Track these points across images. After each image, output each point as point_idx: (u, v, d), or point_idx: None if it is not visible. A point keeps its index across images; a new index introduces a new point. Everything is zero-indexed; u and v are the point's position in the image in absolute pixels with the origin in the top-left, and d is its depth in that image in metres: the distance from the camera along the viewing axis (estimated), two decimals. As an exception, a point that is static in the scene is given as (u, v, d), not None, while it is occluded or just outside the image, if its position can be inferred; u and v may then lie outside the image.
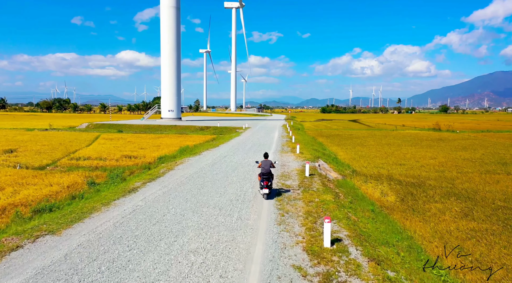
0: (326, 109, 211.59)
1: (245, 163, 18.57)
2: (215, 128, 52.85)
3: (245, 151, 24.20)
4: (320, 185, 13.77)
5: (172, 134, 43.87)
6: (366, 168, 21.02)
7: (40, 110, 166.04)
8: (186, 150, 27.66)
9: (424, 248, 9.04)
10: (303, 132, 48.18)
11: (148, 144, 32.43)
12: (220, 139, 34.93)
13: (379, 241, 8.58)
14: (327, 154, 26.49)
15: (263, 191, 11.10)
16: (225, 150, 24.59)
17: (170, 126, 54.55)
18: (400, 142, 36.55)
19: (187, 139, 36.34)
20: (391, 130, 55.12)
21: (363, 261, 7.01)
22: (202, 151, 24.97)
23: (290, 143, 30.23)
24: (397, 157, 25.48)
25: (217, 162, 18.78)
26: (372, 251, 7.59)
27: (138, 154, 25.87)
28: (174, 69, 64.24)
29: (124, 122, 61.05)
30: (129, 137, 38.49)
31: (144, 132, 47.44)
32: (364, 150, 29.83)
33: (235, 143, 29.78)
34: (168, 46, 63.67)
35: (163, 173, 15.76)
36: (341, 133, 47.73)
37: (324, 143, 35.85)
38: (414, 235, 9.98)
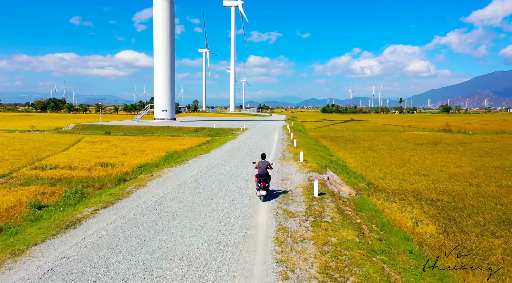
0: (327, 109, 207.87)
1: (237, 176, 15.04)
2: (210, 130, 49.32)
3: (240, 158, 20.68)
4: (334, 211, 10.25)
5: (162, 136, 40.37)
6: (383, 179, 17.49)
7: (35, 111, 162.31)
8: (173, 156, 24.16)
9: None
10: (305, 134, 44.64)
11: (133, 148, 28.93)
12: (214, 143, 31.42)
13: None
14: (335, 161, 22.96)
15: (260, 192, 10.92)
16: (216, 157, 21.07)
17: (163, 128, 51.03)
18: (412, 145, 33.04)
19: (178, 143, 32.85)
20: (398, 132, 51.62)
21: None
22: (190, 158, 21.44)
23: (292, 147, 26.70)
24: (416, 165, 21.95)
25: (203, 175, 15.25)
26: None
27: (117, 161, 22.37)
28: (168, 66, 60.62)
29: (114, 123, 57.50)
30: (115, 140, 34.97)
31: (133, 134, 43.93)
32: (375, 155, 26.31)
33: (229, 148, 26.25)
34: (162, 42, 60.04)
35: (130, 191, 12.23)
36: (346, 135, 44.20)
37: (329, 146, 32.33)
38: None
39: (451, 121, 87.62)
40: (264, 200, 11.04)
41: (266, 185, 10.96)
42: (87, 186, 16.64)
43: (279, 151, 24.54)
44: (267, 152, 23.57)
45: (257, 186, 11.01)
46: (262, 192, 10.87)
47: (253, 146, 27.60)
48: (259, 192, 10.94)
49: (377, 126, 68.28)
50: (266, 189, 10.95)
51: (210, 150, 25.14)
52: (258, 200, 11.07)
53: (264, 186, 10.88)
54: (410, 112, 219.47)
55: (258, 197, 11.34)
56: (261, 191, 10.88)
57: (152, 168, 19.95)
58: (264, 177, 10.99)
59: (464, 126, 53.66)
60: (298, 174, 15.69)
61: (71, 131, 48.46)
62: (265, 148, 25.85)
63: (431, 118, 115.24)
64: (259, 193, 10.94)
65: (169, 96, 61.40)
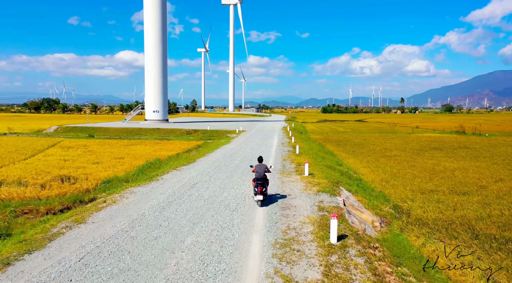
0: (327, 109, 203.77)
1: (221, 202, 11.06)
2: (204, 132, 45.37)
3: (229, 171, 16.69)
4: (368, 275, 6.26)
5: (150, 140, 36.42)
6: (413, 201, 13.50)
7: (28, 111, 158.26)
8: (152, 166, 20.20)
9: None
10: (307, 137, 40.64)
11: (111, 155, 25.03)
12: (203, 149, 27.44)
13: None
14: (346, 172, 18.96)
15: (257, 197, 10.55)
16: (201, 170, 17.08)
17: (152, 130, 47.05)
18: (430, 150, 29.04)
19: (164, 148, 28.91)
20: (407, 133, 47.65)
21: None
22: (169, 170, 17.44)
23: (294, 154, 22.70)
24: (445, 178, 17.96)
25: (174, 200, 11.25)
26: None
27: (82, 173, 18.43)
28: (159, 63, 56.53)
29: (101, 125, 53.46)
30: (94, 145, 31.01)
31: (118, 138, 39.95)
32: (392, 164, 22.34)
33: (220, 156, 22.26)
34: (153, 38, 55.97)
35: (56, 234, 8.18)
36: (352, 138, 40.20)
37: (335, 152, 28.33)
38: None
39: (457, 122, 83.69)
40: (261, 206, 10.59)
41: (264, 190, 10.62)
42: (24, 212, 12.68)
43: (279, 159, 20.55)
44: (265, 161, 19.66)
45: (254, 191, 10.67)
46: (259, 197, 10.50)
47: (248, 153, 23.60)
48: (256, 197, 10.58)
49: (383, 127, 64.26)
50: (263, 194, 10.62)
51: (197, 159, 21.13)
52: (244, 258, 7.05)
53: (261, 190, 10.52)
54: (412, 112, 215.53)
55: (255, 202, 10.85)
56: (258, 196, 10.50)
57: (119, 184, 16.00)
58: (262, 181, 10.64)
59: (480, 128, 49.65)
60: (304, 197, 11.70)
61: (52, 134, 44.47)
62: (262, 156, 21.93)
63: (435, 119, 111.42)
64: (256, 198, 10.58)
65: (160, 95, 57.33)
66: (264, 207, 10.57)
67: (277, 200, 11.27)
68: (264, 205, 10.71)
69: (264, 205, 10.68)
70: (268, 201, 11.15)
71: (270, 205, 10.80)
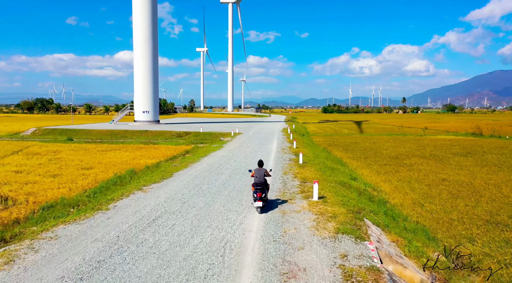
0: (328, 109, 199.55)
1: (187, 257, 6.94)
2: (196, 135, 41.25)
3: (213, 192, 12.56)
4: None
5: (134, 144, 32.31)
6: (472, 241, 9.37)
7: (21, 112, 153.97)
8: (118, 182, 16.08)
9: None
10: (310, 141, 36.50)
11: (80, 164, 21.04)
12: (190, 157, 23.35)
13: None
14: (363, 190, 14.81)
15: (256, 204, 10.07)
16: (175, 190, 12.95)
17: (140, 132, 42.90)
18: (453, 157, 24.94)
19: (146, 155, 24.83)
20: (418, 136, 43.56)
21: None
22: (133, 190, 13.30)
23: (297, 165, 18.56)
24: (494, 198, 13.84)
25: (112, 255, 7.11)
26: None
27: (28, 191, 14.37)
28: (149, 60, 52.31)
29: (85, 126, 49.28)
30: (67, 150, 26.94)
31: (99, 141, 35.82)
32: (416, 176, 18.23)
33: (206, 167, 18.13)
34: (142, 31, 51.75)
35: None
36: (360, 142, 36.07)
37: (345, 159, 24.21)
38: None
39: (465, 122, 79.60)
40: (261, 212, 10.01)
41: (263, 195, 10.15)
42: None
43: (278, 172, 16.40)
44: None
45: (253, 197, 10.19)
46: (258, 204, 10.01)
47: (240, 162, 19.44)
48: (255, 203, 10.08)
49: (389, 128, 60.09)
50: (263, 199, 10.14)
51: (176, 171, 16.97)
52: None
53: (261, 196, 10.04)
54: (414, 112, 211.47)
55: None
56: (257, 202, 10.01)
57: (64, 211, 11.91)
58: (261, 187, 10.18)
59: (500, 129, 45.51)
60: (317, 246, 7.55)
61: (28, 137, 40.31)
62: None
63: (440, 119, 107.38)
64: (255, 205, 10.09)
65: (151, 95, 53.12)
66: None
67: (275, 255, 7.12)
68: (264, 212, 10.10)
69: (264, 214, 9.77)
70: (262, 255, 7.04)
71: (263, 264, 6.68)
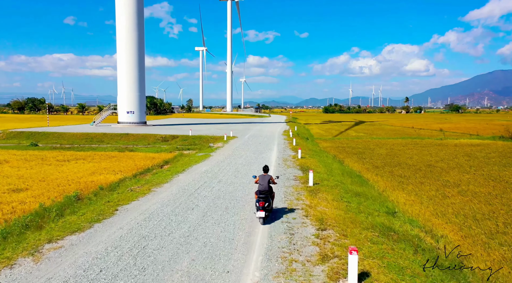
0: (329, 109, 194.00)
1: None
2: (184, 139, 35.85)
3: (167, 256, 7.14)
4: None
5: (106, 151, 26.93)
6: None
7: (12, 112, 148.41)
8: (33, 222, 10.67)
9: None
10: (316, 147, 31.03)
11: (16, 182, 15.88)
12: (167, 170, 17.92)
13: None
14: (415, 236, 9.34)
15: (258, 214, 9.02)
16: (108, 246, 7.53)
17: (120, 136, 37.46)
18: (508, 171, 19.51)
19: (112, 167, 19.48)
20: (438, 139, 38.16)
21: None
22: (42, 243, 7.84)
23: (306, 190, 13.07)
24: None
25: None
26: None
27: None
28: (134, 55, 46.81)
29: (61, 129, 43.74)
30: (16, 159, 21.70)
31: (67, 147, 30.43)
32: (481, 208, 12.79)
33: (176, 192, 12.66)
34: (125, 23, 46.24)
35: None
36: (375, 147, 30.62)
37: (364, 174, 18.75)
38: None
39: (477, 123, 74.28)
40: (264, 224, 9.11)
41: (266, 205, 9.11)
42: None
43: (279, 203, 10.98)
44: (250, 207, 10.23)
45: (256, 206, 9.14)
46: (260, 214, 8.96)
47: (227, 184, 13.95)
48: (258, 214, 9.02)
49: (401, 130, 54.57)
50: (266, 209, 9.13)
51: (124, 204, 11.43)
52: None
53: (263, 205, 9.02)
54: (417, 112, 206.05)
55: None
56: (260, 212, 8.97)
57: None
58: (265, 195, 9.19)
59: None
60: None
61: (-10, 141, 35.00)
62: (249, 191, 12.40)
63: (448, 119, 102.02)
64: (258, 215, 9.02)
65: (136, 93, 47.60)
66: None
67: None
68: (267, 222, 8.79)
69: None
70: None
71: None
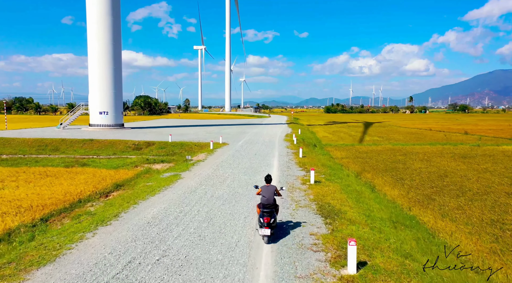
0: (331, 109, 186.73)
1: None
2: (163, 146, 28.66)
3: None
4: None
5: (46, 167, 19.79)
6: None
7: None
8: None
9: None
10: (328, 157, 23.69)
11: None
12: (108, 204, 10.61)
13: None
14: None
15: (262, 231, 7.67)
16: None
17: (83, 142, 30.20)
18: None
19: (31, 197, 12.71)
20: (475, 146, 30.99)
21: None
22: None
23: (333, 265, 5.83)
24: None
25: None
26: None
27: None
28: (107, 45, 39.50)
29: (15, 133, 36.43)
30: None
31: (6, 157, 23.25)
32: None
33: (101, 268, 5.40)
34: (96, 9, 39.05)
35: None
36: (407, 160, 23.31)
37: (417, 213, 11.50)
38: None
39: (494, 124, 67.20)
40: (268, 243, 7.75)
41: (272, 221, 7.75)
42: None
43: None
44: None
45: (259, 222, 7.78)
46: (265, 231, 7.61)
47: (178, 261, 6.73)
48: (261, 231, 7.65)
49: (420, 133, 47.04)
50: (271, 226, 7.73)
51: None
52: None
53: (268, 221, 7.67)
54: (421, 112, 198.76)
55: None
56: (264, 229, 7.62)
57: None
58: (269, 209, 7.95)
59: None
60: None
61: None
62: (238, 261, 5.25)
63: (459, 120, 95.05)
64: (261, 232, 7.67)
65: (110, 91, 40.25)
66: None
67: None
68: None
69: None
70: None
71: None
